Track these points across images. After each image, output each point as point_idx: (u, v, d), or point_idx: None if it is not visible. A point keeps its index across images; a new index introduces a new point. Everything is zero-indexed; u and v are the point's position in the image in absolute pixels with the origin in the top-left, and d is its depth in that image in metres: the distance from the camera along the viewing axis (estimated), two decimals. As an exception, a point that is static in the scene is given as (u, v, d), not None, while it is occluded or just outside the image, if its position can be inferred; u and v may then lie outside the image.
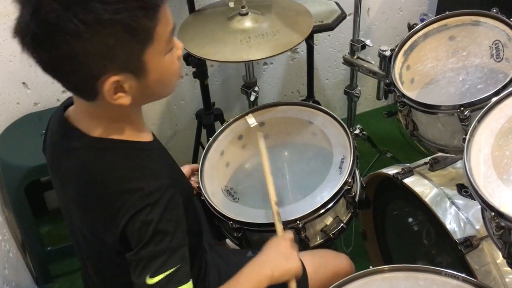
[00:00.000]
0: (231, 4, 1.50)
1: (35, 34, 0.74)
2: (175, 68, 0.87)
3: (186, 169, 1.37)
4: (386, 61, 1.62)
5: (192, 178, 1.38)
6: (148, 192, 0.83)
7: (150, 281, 0.81)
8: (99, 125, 0.87)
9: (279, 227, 1.12)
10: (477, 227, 1.15)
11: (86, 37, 0.73)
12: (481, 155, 0.98)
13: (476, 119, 1.03)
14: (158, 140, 0.99)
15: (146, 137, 0.94)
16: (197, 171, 1.35)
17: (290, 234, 1.09)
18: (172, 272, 0.82)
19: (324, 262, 1.21)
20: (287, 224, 1.16)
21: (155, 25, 0.78)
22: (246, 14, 1.50)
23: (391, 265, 1.00)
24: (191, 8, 1.70)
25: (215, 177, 1.35)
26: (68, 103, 0.94)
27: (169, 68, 0.85)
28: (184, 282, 0.83)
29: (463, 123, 1.16)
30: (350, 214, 1.28)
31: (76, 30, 0.72)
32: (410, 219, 1.43)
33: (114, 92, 0.80)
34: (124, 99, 0.82)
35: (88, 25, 0.72)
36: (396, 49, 1.37)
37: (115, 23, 0.74)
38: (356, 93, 1.94)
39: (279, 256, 1.01)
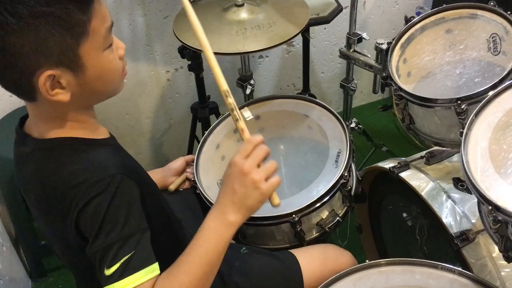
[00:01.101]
0: (227, -5, 1.49)
1: None
2: (116, 65, 0.87)
3: (180, 161, 1.37)
4: (383, 55, 1.62)
5: (188, 170, 1.37)
6: (94, 182, 0.82)
7: (108, 272, 0.80)
8: (45, 126, 0.87)
9: (240, 129, 0.93)
10: (473, 221, 1.15)
11: (17, 30, 0.73)
12: (478, 148, 0.97)
13: (474, 112, 1.03)
14: (115, 139, 0.98)
15: (101, 135, 0.94)
16: (192, 161, 1.34)
17: (251, 142, 0.90)
18: (127, 259, 0.80)
19: (323, 259, 1.20)
20: (282, 218, 1.16)
21: (89, 19, 0.78)
22: (242, 5, 1.48)
23: (388, 259, 1.00)
24: None
25: (211, 170, 1.34)
26: (24, 115, 0.94)
27: (108, 65, 0.85)
28: (144, 266, 0.81)
29: (460, 117, 1.15)
30: (346, 208, 1.28)
31: (6, 22, 0.72)
32: (406, 213, 1.43)
33: (51, 88, 0.79)
34: (62, 96, 0.81)
35: (18, 17, 0.72)
36: (393, 42, 1.36)
37: (46, 15, 0.73)
38: (352, 86, 1.93)
39: (239, 193, 0.86)
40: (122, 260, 0.80)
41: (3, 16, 0.72)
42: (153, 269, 0.83)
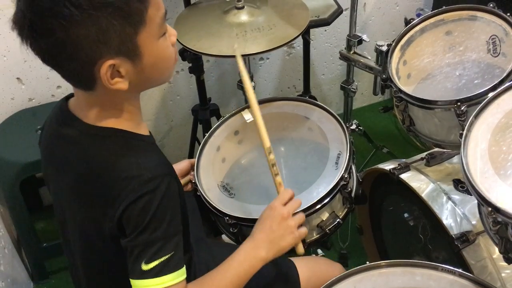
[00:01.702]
0: (227, -2, 1.49)
1: (31, 22, 0.76)
2: (170, 53, 0.89)
3: (185, 163, 1.37)
4: (383, 56, 1.62)
5: (192, 172, 1.37)
6: (147, 178, 0.84)
7: (145, 267, 0.83)
8: (99, 114, 0.89)
9: (277, 182, 1.06)
10: (474, 222, 1.15)
11: (80, 21, 0.74)
12: (478, 150, 0.98)
13: (473, 114, 1.03)
14: (153, 137, 1.00)
15: (144, 131, 0.95)
16: None
17: (288, 193, 1.04)
18: (167, 258, 0.84)
19: (317, 271, 1.21)
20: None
21: (146, 7, 0.80)
22: (242, 7, 1.49)
23: (388, 261, 1.00)
24: (187, 2, 1.69)
25: (211, 172, 1.35)
26: (70, 95, 0.96)
27: (163, 52, 0.87)
28: (178, 268, 0.85)
29: (460, 118, 1.15)
30: (346, 210, 1.28)
31: (70, 14, 0.74)
32: (406, 215, 1.44)
33: (111, 77, 0.81)
34: (121, 84, 0.83)
35: (81, 8, 0.74)
36: (393, 44, 1.37)
37: (107, 5, 0.75)
38: (352, 88, 1.93)
39: (274, 234, 0.98)
40: (162, 259, 0.83)
41: (67, 8, 0.73)
42: (183, 272, 0.87)
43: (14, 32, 0.80)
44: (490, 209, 0.87)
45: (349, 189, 1.25)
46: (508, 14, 1.23)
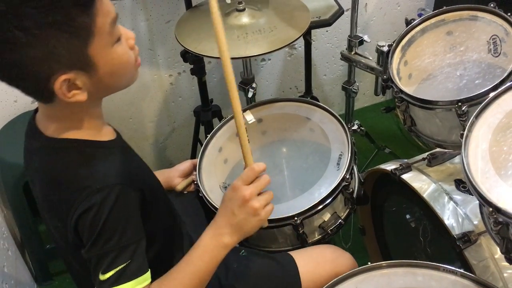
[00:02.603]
0: (228, 0, 1.49)
1: None
2: (127, 57, 0.87)
3: (187, 164, 1.37)
4: (384, 57, 1.62)
5: (194, 173, 1.38)
6: (96, 189, 0.84)
7: (102, 277, 0.83)
8: (58, 126, 0.89)
9: (247, 151, 0.97)
10: (475, 222, 1.15)
11: (26, 43, 0.74)
12: (479, 150, 0.97)
13: (474, 114, 1.03)
14: (122, 138, 1.00)
15: (106, 136, 0.95)
16: None
17: (252, 171, 0.94)
18: (123, 267, 0.84)
19: (321, 262, 1.20)
20: (285, 220, 1.16)
21: (92, 19, 0.79)
22: (243, 10, 1.49)
23: (389, 261, 1.00)
24: (188, 4, 1.69)
25: (213, 173, 1.35)
26: (36, 108, 0.96)
27: (119, 59, 0.85)
28: (137, 275, 0.85)
29: (461, 119, 1.15)
30: (348, 210, 1.28)
31: (16, 38, 0.74)
32: (408, 215, 1.44)
33: (68, 90, 0.81)
34: (80, 96, 0.83)
35: (26, 30, 0.74)
36: (394, 44, 1.37)
37: (51, 24, 0.75)
38: (354, 88, 1.93)
39: (237, 217, 0.92)
40: (117, 268, 0.84)
41: (10, 31, 0.73)
42: (145, 278, 0.87)
43: None
44: (491, 209, 0.87)
45: (351, 189, 1.25)
46: (509, 14, 1.22)
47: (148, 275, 0.87)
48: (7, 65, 0.77)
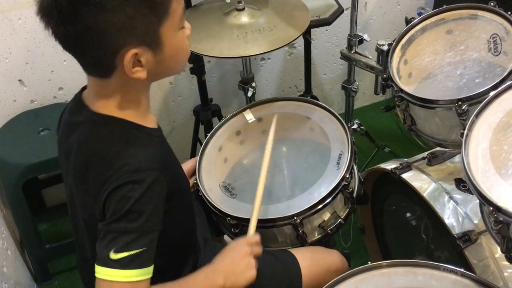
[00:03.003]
0: (228, 0, 1.49)
1: (60, 8, 0.77)
2: (186, 45, 0.92)
3: (191, 163, 1.37)
4: (384, 56, 1.62)
5: None
6: (135, 169, 0.84)
7: (114, 256, 0.82)
8: (106, 103, 0.90)
9: (252, 226, 1.10)
10: (476, 221, 1.15)
11: (109, 8, 0.77)
12: (479, 149, 0.97)
13: (474, 113, 1.03)
14: (161, 131, 1.02)
15: (150, 123, 0.97)
16: None
17: (255, 238, 1.07)
18: (138, 253, 0.83)
19: (315, 259, 1.21)
20: (284, 220, 1.16)
21: (170, 1, 0.83)
22: (243, 9, 1.49)
23: (390, 261, 1.00)
24: (188, 3, 1.69)
25: (213, 173, 1.35)
26: (85, 86, 0.98)
27: (181, 44, 0.90)
28: (146, 265, 0.85)
29: (461, 118, 1.15)
30: (348, 210, 1.28)
31: (100, 1, 0.76)
32: (408, 214, 1.43)
33: (132, 66, 0.83)
34: (141, 73, 0.85)
35: None
36: (394, 43, 1.37)
37: None
38: (353, 88, 1.93)
39: (235, 266, 1.00)
40: (132, 252, 0.82)
41: None
42: (150, 271, 0.86)
43: (37, 17, 0.80)
44: (491, 208, 0.87)
45: (351, 189, 1.25)
46: (509, 12, 1.22)
47: (151, 269, 0.86)
48: (85, 28, 0.78)
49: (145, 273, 0.85)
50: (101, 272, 0.83)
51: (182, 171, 1.09)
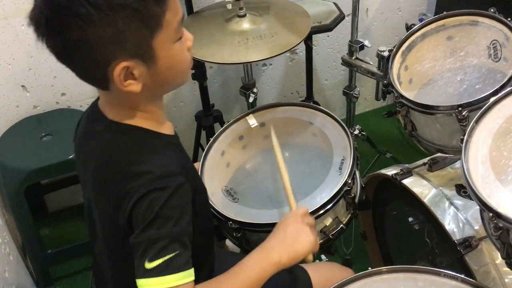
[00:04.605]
0: (229, 6, 1.50)
1: (48, 19, 0.76)
2: (185, 57, 0.89)
3: (195, 167, 1.37)
4: (384, 62, 1.62)
5: None
6: (157, 176, 0.84)
7: (149, 265, 0.81)
8: (120, 112, 0.90)
9: (291, 199, 1.11)
10: (476, 227, 1.15)
11: (97, 21, 0.75)
12: (479, 155, 0.98)
13: (474, 119, 1.03)
14: (178, 138, 1.00)
15: (167, 130, 0.96)
16: None
17: (303, 208, 1.05)
18: (171, 257, 0.82)
19: (329, 275, 1.20)
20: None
21: (163, 11, 0.80)
22: (244, 15, 1.50)
23: (390, 266, 1.00)
24: (189, 10, 1.70)
25: (215, 177, 1.36)
26: None
27: (178, 57, 0.87)
28: (184, 269, 0.83)
29: (461, 124, 1.16)
30: (349, 215, 1.28)
31: (87, 14, 0.74)
32: (409, 220, 1.44)
33: (124, 79, 0.82)
34: (134, 86, 0.83)
35: (98, 9, 0.74)
36: (394, 49, 1.37)
37: (124, 7, 0.76)
38: (355, 93, 1.94)
39: (288, 238, 0.96)
40: (166, 257, 0.81)
41: (84, 7, 0.74)
42: (191, 274, 0.84)
43: (30, 28, 0.80)
44: (491, 214, 0.87)
45: (353, 194, 1.25)
46: (509, 19, 1.23)
47: (193, 271, 0.85)
48: (73, 41, 0.77)
49: (185, 276, 0.83)
50: (141, 284, 0.82)
51: (198, 175, 1.09)
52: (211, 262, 1.10)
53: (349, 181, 1.22)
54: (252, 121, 1.45)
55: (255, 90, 1.82)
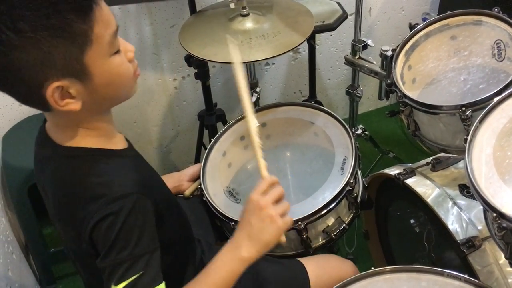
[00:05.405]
0: (232, 5, 1.49)
1: None
2: (124, 69, 0.85)
3: (196, 167, 1.37)
4: (388, 61, 1.62)
5: None
6: (112, 199, 0.83)
7: None
8: (66, 134, 0.88)
9: (262, 165, 0.98)
10: (480, 227, 1.15)
11: (19, 45, 0.73)
12: (483, 155, 0.97)
13: (478, 119, 1.03)
14: (133, 147, 0.99)
15: (118, 145, 0.94)
16: None
17: (268, 180, 0.96)
18: (135, 278, 0.82)
19: (328, 268, 1.20)
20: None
21: (91, 27, 0.77)
22: (247, 15, 1.50)
23: (393, 266, 1.00)
24: (192, 9, 1.70)
25: (217, 177, 1.35)
26: None
27: (117, 70, 0.83)
28: (151, 286, 0.83)
29: (465, 123, 1.15)
30: (352, 215, 1.28)
31: (8, 39, 0.72)
32: (412, 220, 1.43)
33: (61, 99, 0.79)
34: (73, 105, 0.81)
35: (19, 33, 0.72)
36: (397, 49, 1.37)
37: (47, 28, 0.73)
38: (357, 93, 1.93)
39: (254, 230, 0.91)
40: (130, 279, 0.82)
41: (4, 33, 0.72)
42: None
43: None
44: (494, 214, 0.87)
45: (355, 194, 1.25)
46: (513, 18, 1.23)
47: (163, 285, 0.85)
48: (0, 68, 0.75)
49: None
50: None
51: (163, 183, 1.07)
52: (192, 267, 1.09)
53: (351, 181, 1.22)
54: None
55: (258, 89, 1.82)
